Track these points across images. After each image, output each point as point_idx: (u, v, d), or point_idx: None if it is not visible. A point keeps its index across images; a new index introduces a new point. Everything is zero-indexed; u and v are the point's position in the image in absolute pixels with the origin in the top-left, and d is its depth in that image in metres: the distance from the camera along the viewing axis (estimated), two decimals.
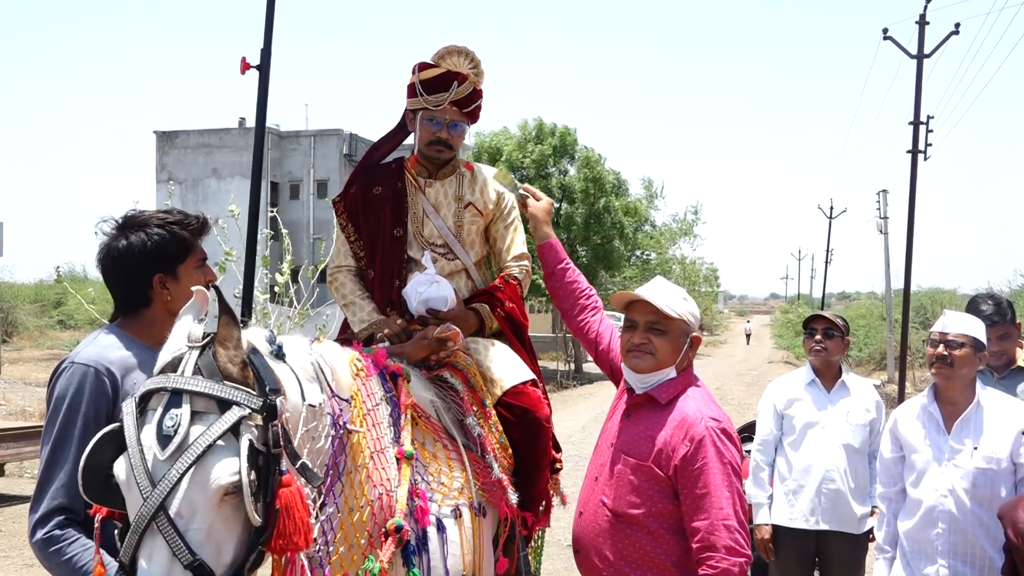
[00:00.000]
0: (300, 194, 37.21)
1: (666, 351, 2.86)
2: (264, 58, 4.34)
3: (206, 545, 1.79)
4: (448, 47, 3.36)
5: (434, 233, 3.42)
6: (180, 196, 35.84)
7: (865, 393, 4.76)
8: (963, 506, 3.59)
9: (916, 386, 20.47)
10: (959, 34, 18.07)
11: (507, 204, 3.55)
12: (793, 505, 4.63)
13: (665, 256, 38.45)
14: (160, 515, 1.75)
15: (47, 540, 2.32)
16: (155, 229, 2.54)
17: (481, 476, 2.98)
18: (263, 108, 4.37)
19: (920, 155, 18.37)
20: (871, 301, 33.87)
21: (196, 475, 1.79)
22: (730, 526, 2.61)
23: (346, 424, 2.37)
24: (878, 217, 28.20)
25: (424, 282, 3.27)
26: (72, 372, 2.41)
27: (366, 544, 2.44)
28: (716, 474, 2.65)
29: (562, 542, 7.90)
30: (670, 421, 2.78)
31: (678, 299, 2.88)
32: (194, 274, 2.59)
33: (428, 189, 3.45)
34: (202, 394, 1.85)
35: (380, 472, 2.51)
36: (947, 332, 3.68)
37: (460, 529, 2.78)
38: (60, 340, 31.60)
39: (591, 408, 17.96)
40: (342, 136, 37.18)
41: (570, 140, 26.48)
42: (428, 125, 3.35)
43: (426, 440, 2.84)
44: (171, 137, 37.92)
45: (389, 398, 2.70)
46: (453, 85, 3.29)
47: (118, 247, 2.53)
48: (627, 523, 2.78)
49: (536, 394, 3.27)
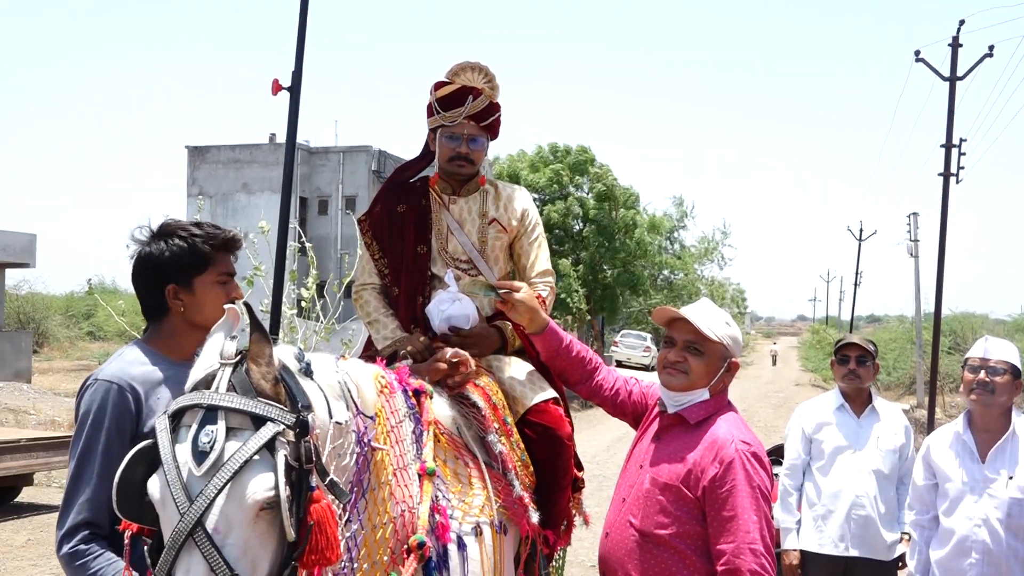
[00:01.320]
0: (328, 209, 37.43)
1: (700, 372, 2.84)
2: (295, 80, 4.39)
3: (242, 560, 1.80)
4: (462, 63, 3.39)
5: (458, 249, 3.42)
6: (210, 210, 36.19)
7: (894, 418, 4.71)
8: (997, 536, 3.53)
9: (946, 411, 20.22)
10: (993, 56, 17.95)
11: (531, 220, 3.55)
12: (822, 531, 4.57)
13: (692, 277, 38.35)
14: (198, 530, 1.76)
15: (73, 554, 2.33)
16: (175, 240, 2.55)
17: (502, 494, 2.96)
18: (293, 128, 4.42)
19: (952, 178, 18.23)
20: (901, 324, 33.52)
21: (232, 491, 1.80)
22: (756, 550, 2.58)
23: (370, 442, 2.37)
24: (908, 240, 27.97)
25: (447, 300, 3.26)
26: (96, 389, 2.44)
27: (388, 561, 2.44)
28: (744, 497, 2.63)
29: (585, 563, 7.86)
30: (701, 443, 2.76)
31: (720, 322, 2.87)
32: (213, 288, 2.58)
33: (452, 206, 3.45)
34: (237, 410, 1.86)
35: (403, 489, 2.52)
36: (989, 358, 3.63)
37: (481, 547, 2.76)
38: (89, 351, 31.97)
39: (615, 428, 17.86)
40: (371, 152, 37.41)
41: (587, 159, 26.49)
42: (447, 142, 3.36)
43: (447, 458, 2.83)
44: (202, 152, 38.32)
45: (412, 415, 2.70)
46: (468, 99, 3.31)
47: (141, 255, 2.57)
48: (654, 543, 2.75)
49: (558, 412, 3.26)
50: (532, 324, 3.16)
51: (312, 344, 8.51)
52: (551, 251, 3.48)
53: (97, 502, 2.36)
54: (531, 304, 3.12)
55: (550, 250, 3.57)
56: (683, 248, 34.23)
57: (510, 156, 27.34)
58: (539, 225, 3.59)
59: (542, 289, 3.49)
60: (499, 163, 27.29)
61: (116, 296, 26.58)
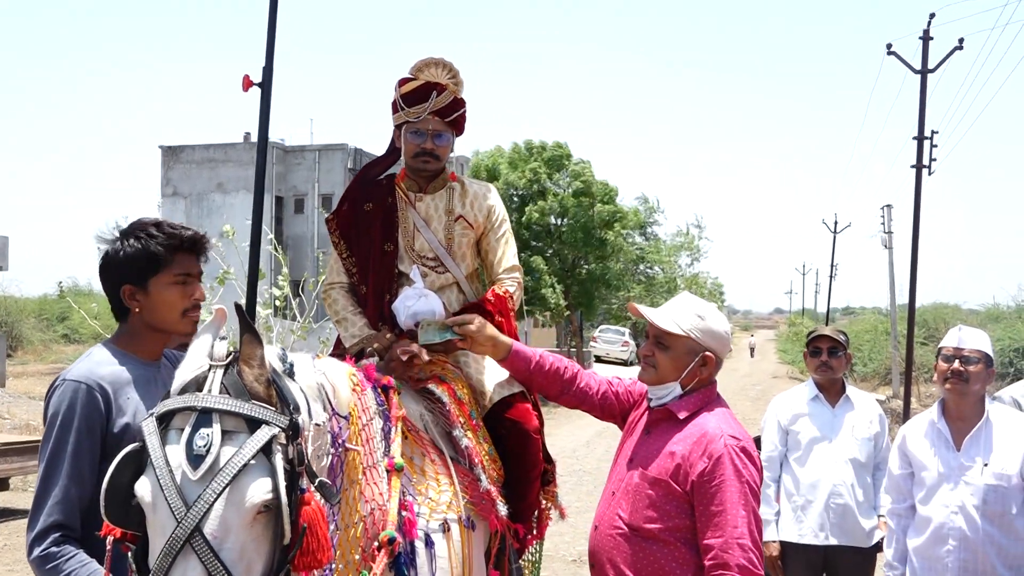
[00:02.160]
0: (305, 208, 37.29)
1: (667, 366, 2.85)
2: (266, 76, 4.37)
3: (238, 564, 1.79)
4: (425, 59, 3.40)
5: (425, 247, 3.42)
6: (185, 210, 35.97)
7: (868, 407, 4.75)
8: (973, 523, 3.56)
9: (921, 401, 20.41)
10: (963, 49, 18.07)
11: (498, 217, 3.55)
12: (802, 521, 4.60)
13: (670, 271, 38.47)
14: (196, 536, 1.75)
15: (44, 557, 2.31)
16: (132, 240, 2.53)
17: (470, 489, 2.97)
18: (265, 124, 4.40)
19: (924, 170, 18.36)
20: (876, 316, 33.82)
21: (231, 495, 1.79)
22: (744, 545, 2.59)
23: (344, 443, 2.37)
24: (882, 232, 28.17)
25: (412, 296, 3.27)
26: (64, 389, 2.41)
27: (360, 560, 2.44)
28: (733, 492, 2.63)
29: (567, 557, 7.88)
30: (689, 437, 2.76)
31: (688, 315, 2.85)
32: (168, 289, 2.55)
33: (418, 203, 3.45)
34: (232, 413, 1.85)
35: (372, 487, 2.52)
36: (963, 347, 3.66)
37: (449, 543, 2.77)
38: (64, 354, 31.61)
39: (594, 423, 17.80)
40: (347, 151, 37.29)
41: (563, 154, 26.52)
42: (412, 138, 3.36)
43: (414, 454, 2.84)
44: (176, 152, 38.05)
45: (381, 411, 2.70)
46: (432, 95, 3.31)
47: (103, 255, 2.56)
48: (643, 537, 2.76)
49: (525, 406, 3.28)
50: (495, 352, 3.15)
51: (289, 343, 8.48)
52: (530, 248, 3.47)
53: (68, 504, 2.34)
54: (488, 333, 3.11)
55: (529, 247, 3.56)
56: (657, 240, 34.26)
57: (489, 152, 27.30)
58: (506, 221, 3.60)
59: (509, 285, 3.50)
60: (478, 158, 27.24)
61: (90, 298, 26.29)
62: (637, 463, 2.86)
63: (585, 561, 8.36)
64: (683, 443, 2.74)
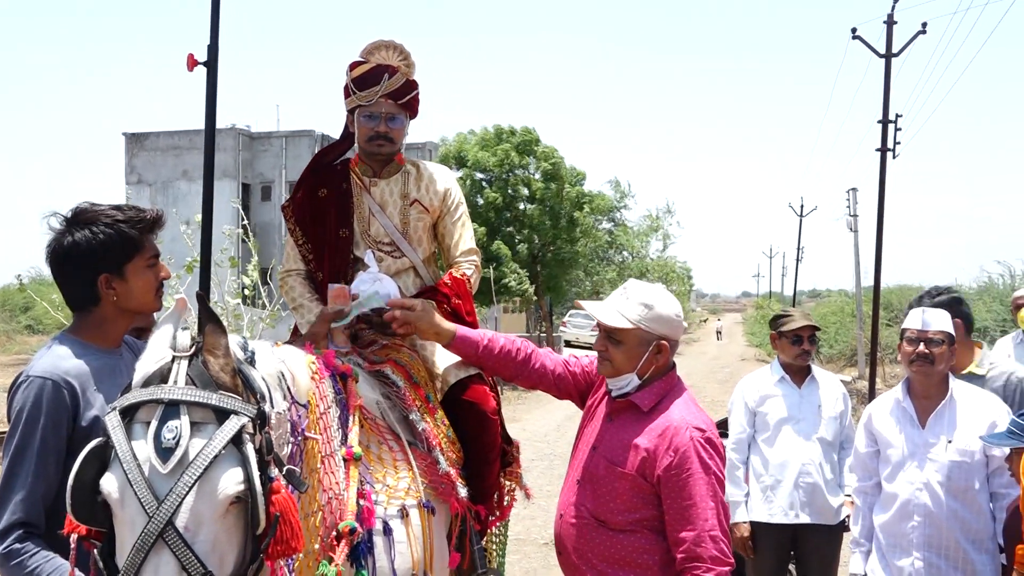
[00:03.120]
0: (272, 195, 36.95)
1: (621, 359, 2.81)
2: (211, 55, 4.32)
3: (211, 556, 1.78)
4: (375, 42, 3.39)
5: (380, 232, 3.42)
6: (150, 198, 35.49)
7: (833, 387, 4.84)
8: (938, 499, 3.62)
9: (886, 382, 20.66)
10: (926, 33, 18.24)
11: (454, 200, 3.55)
12: (771, 501, 4.65)
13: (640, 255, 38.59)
14: (169, 530, 1.73)
15: (8, 554, 2.28)
16: (102, 227, 2.45)
17: (428, 472, 2.97)
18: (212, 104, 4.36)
19: (889, 153, 18.55)
20: (842, 298, 34.17)
21: (203, 487, 1.77)
22: (715, 536, 2.62)
23: (304, 431, 2.36)
24: (848, 215, 28.48)
25: (367, 280, 3.26)
26: (29, 385, 2.36)
27: (319, 549, 2.44)
28: (701, 485, 2.65)
29: (538, 540, 7.91)
30: (653, 429, 2.74)
31: (634, 306, 2.79)
32: (143, 272, 2.53)
33: (373, 188, 3.45)
34: (200, 404, 1.83)
35: (330, 476, 2.51)
36: (927, 329, 3.71)
37: (408, 528, 2.78)
38: (28, 345, 31.16)
39: (564, 407, 17.85)
40: (314, 136, 36.96)
41: (531, 139, 26.49)
42: (365, 121, 3.35)
43: (371, 442, 2.84)
44: (140, 139, 37.52)
45: (339, 400, 2.69)
46: (384, 78, 3.30)
47: (63, 245, 2.46)
48: (610, 528, 2.77)
49: (482, 388, 3.29)
50: (439, 339, 3.13)
51: (258, 331, 8.43)
52: (499, 234, 3.47)
53: (32, 501, 2.32)
54: (429, 320, 3.09)
55: (498, 233, 3.56)
56: (623, 225, 34.32)
57: (458, 135, 27.20)
58: (462, 204, 3.60)
59: (467, 268, 3.51)
60: (447, 144, 27.12)
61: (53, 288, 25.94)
62: (601, 452, 2.85)
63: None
64: (648, 436, 2.73)
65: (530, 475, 3.67)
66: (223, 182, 34.54)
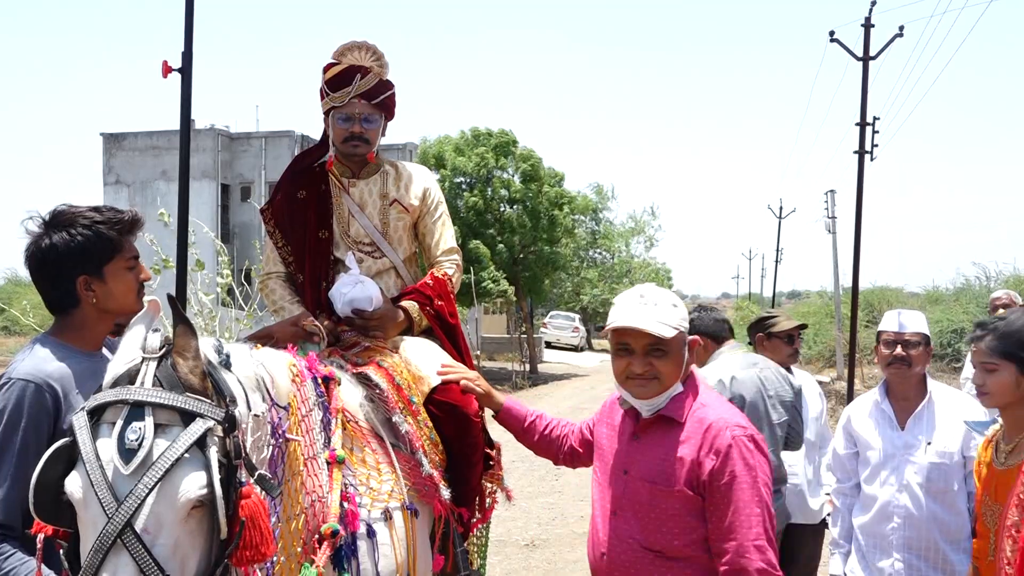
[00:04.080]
0: (251, 196, 36.73)
1: (669, 370, 2.61)
2: (185, 61, 4.32)
3: (171, 560, 1.76)
4: (348, 43, 3.39)
5: (360, 232, 3.42)
6: (128, 198, 35.23)
7: (812, 388, 4.90)
8: (917, 500, 3.64)
9: (865, 383, 20.80)
10: (903, 36, 18.38)
11: (433, 199, 3.55)
12: None
13: (625, 257, 38.68)
14: (127, 532, 1.70)
15: None
16: (80, 229, 2.44)
17: (412, 474, 2.97)
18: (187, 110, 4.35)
19: (867, 155, 18.67)
20: (821, 299, 34.31)
21: (163, 490, 1.75)
22: (761, 546, 2.41)
23: (285, 433, 2.35)
24: (826, 217, 28.59)
25: (348, 283, 3.26)
26: (11, 388, 2.35)
27: (301, 552, 2.43)
28: (745, 489, 2.43)
29: (519, 542, 7.91)
30: (692, 435, 2.54)
31: (669, 311, 2.60)
32: (123, 274, 2.52)
33: (352, 189, 3.44)
34: (165, 406, 1.81)
35: (313, 479, 2.50)
36: (903, 331, 3.73)
37: (391, 531, 2.77)
38: (4, 346, 30.82)
39: (547, 408, 17.82)
40: (294, 137, 36.79)
41: (509, 140, 26.48)
42: (341, 123, 3.35)
43: (355, 446, 2.83)
44: (118, 139, 37.22)
45: (321, 403, 2.68)
46: (356, 78, 3.29)
47: (41, 247, 2.45)
48: (666, 556, 2.54)
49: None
50: (491, 404, 3.27)
51: (236, 333, 8.37)
52: (479, 236, 3.47)
53: (10, 503, 2.30)
54: (484, 388, 3.24)
55: (477, 235, 3.56)
56: (610, 225, 34.41)
57: (437, 139, 27.17)
58: (442, 203, 3.60)
59: (448, 267, 3.52)
60: (425, 145, 27.10)
61: (29, 290, 25.65)
62: (636, 476, 2.63)
63: (537, 545, 8.42)
64: (688, 444, 2.53)
65: (511, 476, 3.67)
66: (202, 183, 34.35)
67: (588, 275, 31.54)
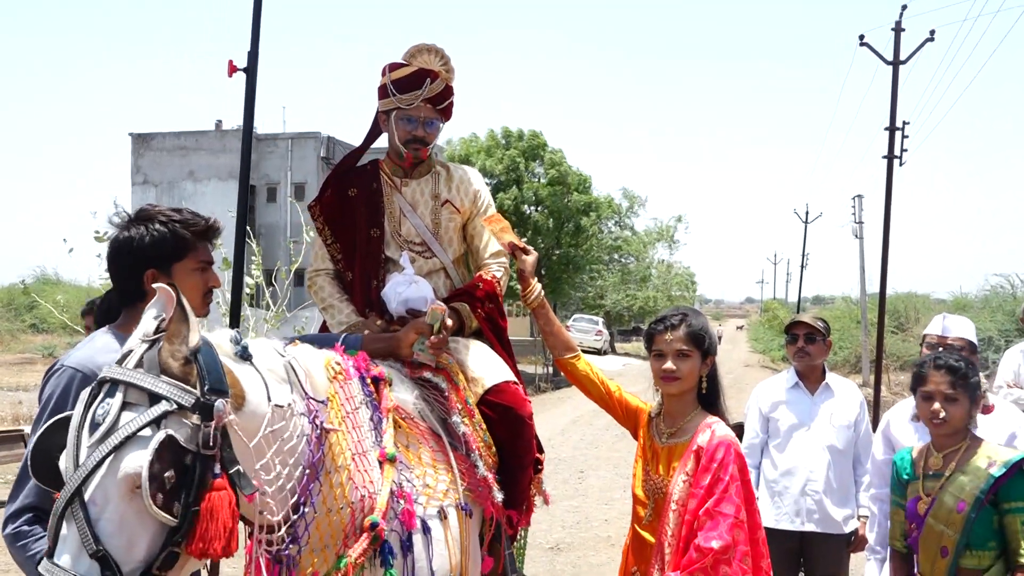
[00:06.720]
0: (277, 197, 36.94)
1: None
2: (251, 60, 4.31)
3: (116, 536, 1.79)
4: (418, 45, 3.38)
5: (411, 232, 3.41)
6: (156, 199, 35.53)
7: (849, 394, 4.76)
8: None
9: (891, 389, 20.62)
10: (934, 41, 18.18)
11: (484, 201, 3.55)
12: (779, 507, 4.62)
13: (646, 262, 38.59)
14: (75, 500, 1.77)
15: (15, 535, 2.36)
16: (156, 225, 2.56)
17: (467, 475, 2.96)
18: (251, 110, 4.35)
19: (896, 160, 18.48)
20: (847, 305, 34.07)
21: (112, 463, 1.80)
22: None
23: (323, 423, 2.36)
24: (853, 222, 28.39)
25: (403, 282, 3.24)
26: (61, 375, 2.43)
27: (340, 544, 2.44)
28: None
29: (543, 544, 7.88)
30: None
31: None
32: (192, 275, 2.60)
33: (404, 188, 3.43)
34: (134, 385, 1.87)
35: (362, 475, 2.50)
36: (947, 336, 3.67)
37: (446, 530, 2.76)
38: (33, 344, 31.22)
39: (569, 411, 17.93)
40: (319, 139, 36.98)
41: (538, 143, 26.45)
42: (404, 124, 3.34)
43: (410, 442, 2.81)
44: (147, 139, 37.56)
45: (369, 402, 2.67)
46: (426, 83, 3.29)
47: (118, 239, 2.57)
48: None
49: (518, 391, 3.27)
50: None
51: (263, 332, 8.41)
52: None
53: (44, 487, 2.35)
54: None
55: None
56: (634, 233, 34.33)
57: (463, 140, 27.21)
58: (491, 206, 3.59)
59: (496, 270, 3.50)
60: (451, 146, 27.15)
61: (58, 288, 25.90)
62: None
63: (562, 548, 8.37)
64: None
65: None
66: (228, 183, 34.58)
67: (611, 279, 31.45)
